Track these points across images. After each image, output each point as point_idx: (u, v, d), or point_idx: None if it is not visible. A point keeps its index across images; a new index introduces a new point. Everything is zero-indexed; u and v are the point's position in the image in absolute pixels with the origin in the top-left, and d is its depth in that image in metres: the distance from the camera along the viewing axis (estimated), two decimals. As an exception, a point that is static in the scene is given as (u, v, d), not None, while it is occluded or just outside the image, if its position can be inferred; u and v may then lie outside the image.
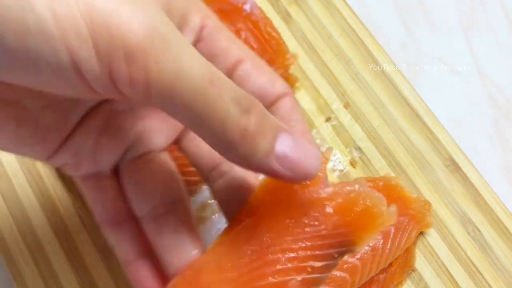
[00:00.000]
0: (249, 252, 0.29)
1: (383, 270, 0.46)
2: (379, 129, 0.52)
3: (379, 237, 0.44)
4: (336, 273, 0.42)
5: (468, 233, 0.49)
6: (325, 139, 0.52)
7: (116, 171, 0.33)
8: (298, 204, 0.30)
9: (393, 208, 0.30)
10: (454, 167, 0.51)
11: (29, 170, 0.48)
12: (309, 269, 0.29)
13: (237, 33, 0.49)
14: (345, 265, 0.42)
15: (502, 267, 0.48)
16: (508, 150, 0.56)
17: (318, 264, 0.29)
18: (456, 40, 0.61)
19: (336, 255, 0.30)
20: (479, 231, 0.49)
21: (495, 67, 0.60)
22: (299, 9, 0.56)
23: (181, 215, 0.32)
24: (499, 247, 0.49)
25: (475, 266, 0.48)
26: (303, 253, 0.29)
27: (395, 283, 0.46)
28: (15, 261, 0.45)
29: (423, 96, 0.54)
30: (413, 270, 0.48)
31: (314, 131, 0.52)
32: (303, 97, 0.53)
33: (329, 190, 0.30)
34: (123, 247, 0.33)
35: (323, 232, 0.29)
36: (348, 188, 0.30)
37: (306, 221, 0.30)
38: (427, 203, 0.48)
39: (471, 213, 0.50)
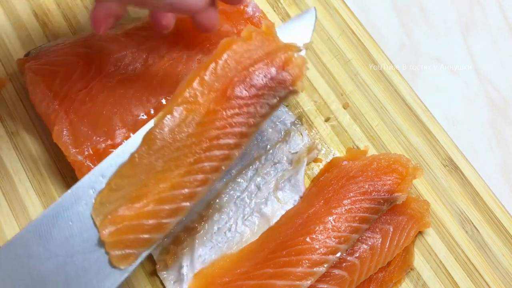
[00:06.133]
0: (322, 202, 0.45)
1: (382, 269, 0.46)
2: (378, 129, 0.53)
3: (378, 236, 0.45)
4: (335, 271, 0.42)
5: (466, 232, 0.50)
6: (324, 139, 0.52)
7: None
8: (347, 171, 0.46)
9: (417, 164, 0.47)
10: (452, 166, 0.52)
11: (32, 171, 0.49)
12: (361, 210, 0.43)
13: (238, 34, 0.50)
14: (344, 264, 0.43)
15: (499, 265, 0.48)
16: (506, 150, 0.56)
17: (367, 205, 0.43)
18: (454, 41, 0.61)
19: (382, 201, 0.44)
20: (477, 230, 0.50)
21: (493, 67, 0.60)
22: (299, 10, 0.56)
23: None
24: (497, 245, 0.49)
25: (473, 264, 0.48)
26: (356, 198, 0.44)
27: (393, 281, 0.47)
28: None
29: (422, 96, 0.54)
30: (412, 269, 0.48)
31: (313, 131, 0.52)
32: (302, 98, 0.53)
33: (368, 158, 0.48)
34: None
35: (368, 186, 0.44)
36: (380, 156, 0.47)
37: (355, 181, 0.45)
38: (425, 202, 0.48)
39: (469, 212, 0.50)
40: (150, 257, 0.46)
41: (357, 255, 0.43)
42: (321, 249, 0.41)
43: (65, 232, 0.39)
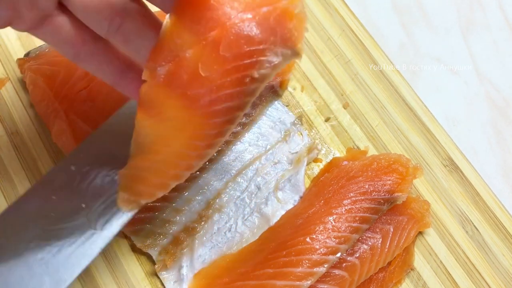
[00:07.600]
0: (322, 202, 0.44)
1: (382, 269, 0.46)
2: (378, 129, 0.53)
3: (378, 236, 0.44)
4: (336, 271, 0.42)
5: (467, 232, 0.50)
6: (324, 139, 0.52)
7: (61, 6, 0.33)
8: (347, 171, 0.46)
9: (417, 164, 0.47)
10: (452, 167, 0.52)
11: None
12: (361, 210, 0.43)
13: None
14: (344, 264, 0.43)
15: (500, 265, 0.48)
16: (506, 150, 0.56)
17: (367, 205, 0.43)
18: (455, 41, 0.61)
19: (382, 201, 0.44)
20: (477, 230, 0.50)
21: (493, 67, 0.60)
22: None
23: (137, 14, 0.33)
24: (497, 246, 0.49)
25: (473, 265, 0.48)
26: (356, 198, 0.43)
27: (394, 282, 0.46)
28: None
29: (422, 96, 0.54)
30: (412, 269, 0.48)
31: (313, 131, 0.52)
32: (302, 98, 0.53)
33: (368, 158, 0.47)
34: (103, 70, 0.35)
35: (368, 186, 0.44)
36: (380, 156, 0.47)
37: (355, 181, 0.45)
38: (425, 203, 0.48)
39: (469, 213, 0.50)
40: (150, 257, 0.46)
41: (357, 255, 0.43)
42: (321, 249, 0.41)
43: (49, 204, 0.40)
